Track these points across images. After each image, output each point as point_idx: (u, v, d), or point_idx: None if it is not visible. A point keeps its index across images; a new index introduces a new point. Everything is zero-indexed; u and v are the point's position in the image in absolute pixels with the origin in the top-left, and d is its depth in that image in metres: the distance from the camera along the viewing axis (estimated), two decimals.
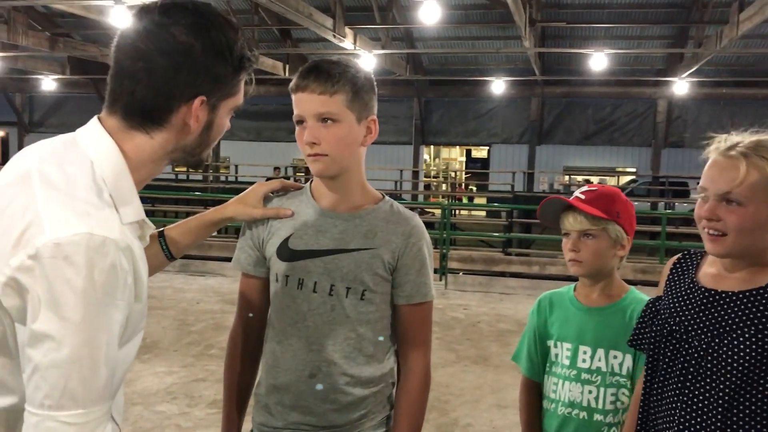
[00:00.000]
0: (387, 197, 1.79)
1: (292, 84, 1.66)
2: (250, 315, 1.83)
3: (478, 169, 23.49)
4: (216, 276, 10.69)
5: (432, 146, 22.84)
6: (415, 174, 20.03)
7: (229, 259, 8.25)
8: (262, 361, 1.81)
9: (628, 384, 1.92)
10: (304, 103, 1.64)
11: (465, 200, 21.31)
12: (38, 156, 1.21)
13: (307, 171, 19.35)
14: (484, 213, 19.51)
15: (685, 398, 1.59)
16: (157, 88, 1.21)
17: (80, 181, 1.15)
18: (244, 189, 1.90)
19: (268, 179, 15.43)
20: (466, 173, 24.63)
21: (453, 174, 25.27)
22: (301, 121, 1.67)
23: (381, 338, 1.75)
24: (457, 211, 17.10)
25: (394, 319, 1.77)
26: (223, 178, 19.45)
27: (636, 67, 17.69)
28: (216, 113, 1.28)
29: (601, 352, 1.94)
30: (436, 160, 26.05)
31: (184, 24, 1.20)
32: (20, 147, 22.16)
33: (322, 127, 1.63)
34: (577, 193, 1.95)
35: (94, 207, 1.12)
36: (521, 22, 11.45)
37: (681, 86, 15.74)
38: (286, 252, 1.72)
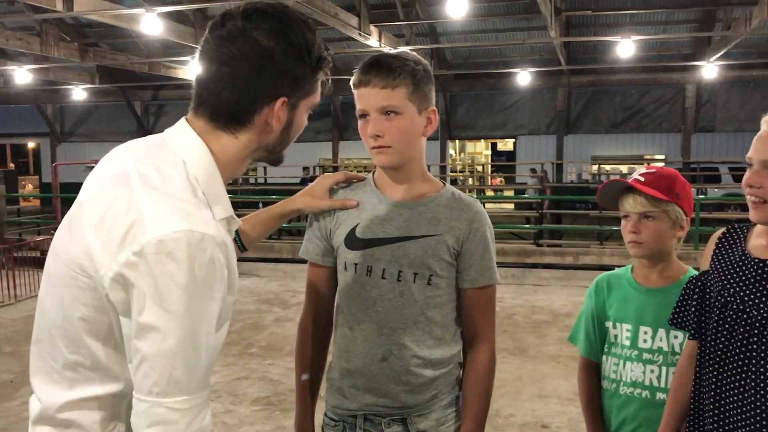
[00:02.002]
0: (448, 185, 1.84)
1: (354, 79, 1.72)
2: (319, 303, 1.89)
3: (503, 161, 23.41)
4: (251, 277, 10.81)
5: (457, 141, 22.78)
6: (442, 169, 20.00)
7: (263, 260, 8.33)
8: (333, 346, 1.88)
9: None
10: (367, 97, 1.69)
11: (489, 193, 21.21)
12: (133, 157, 1.26)
13: (335, 170, 19.44)
14: (512, 206, 19.48)
15: (752, 367, 1.61)
16: (241, 91, 1.25)
17: (177, 181, 1.21)
18: (274, 190, 1.96)
19: (303, 180, 15.51)
20: (492, 166, 24.56)
21: (480, 168, 25.20)
22: (364, 115, 1.72)
23: (448, 321, 1.80)
24: (484, 205, 16.98)
25: (459, 303, 1.82)
26: (252, 180, 19.61)
27: (663, 52, 17.46)
28: (295, 112, 1.34)
29: (662, 332, 1.96)
30: (462, 155, 25.98)
31: (265, 28, 1.25)
32: (52, 157, 22.58)
33: (385, 119, 1.68)
34: (635, 175, 1.97)
35: (192, 205, 1.18)
36: (547, 12, 11.39)
37: (709, 70, 15.53)
38: (354, 241, 1.78)
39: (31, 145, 28.46)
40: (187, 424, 1.14)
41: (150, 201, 1.16)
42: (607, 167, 18.94)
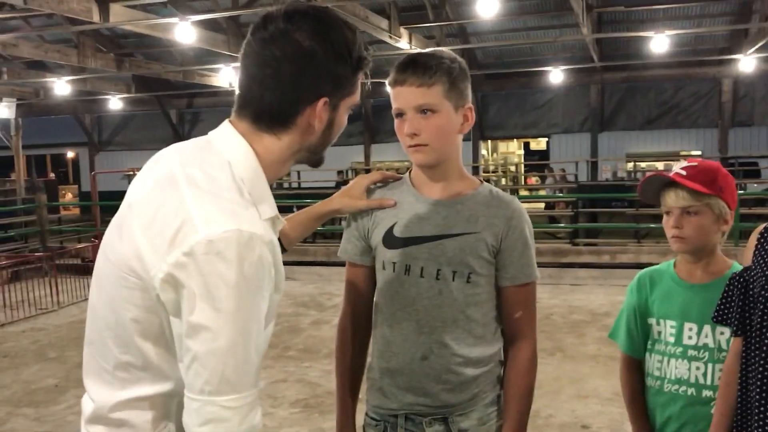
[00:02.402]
0: (485, 183, 1.83)
1: (390, 79, 1.72)
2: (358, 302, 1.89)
3: (536, 161, 23.21)
4: (287, 280, 10.78)
5: (489, 141, 22.65)
6: (475, 170, 19.89)
7: (298, 263, 8.37)
8: (373, 346, 1.88)
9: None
10: (404, 96, 1.69)
11: (523, 192, 21.05)
12: (179, 160, 1.28)
13: (367, 173, 19.45)
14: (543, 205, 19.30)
15: None
16: (284, 93, 1.27)
17: (223, 182, 1.22)
18: (308, 194, 1.98)
19: (337, 183, 15.57)
20: (526, 166, 24.36)
21: (513, 168, 25.02)
22: (400, 114, 1.72)
23: (488, 319, 1.79)
24: None
25: (499, 301, 1.81)
26: (286, 185, 19.75)
27: (698, 47, 17.13)
28: (337, 113, 1.34)
29: (707, 328, 1.92)
30: (494, 155, 25.83)
31: (306, 30, 1.26)
32: (91, 166, 23.00)
33: (421, 118, 1.68)
34: (677, 169, 1.93)
35: (239, 205, 1.20)
36: (578, 9, 11.28)
37: (747, 63, 15.20)
38: (392, 240, 1.78)
39: (70, 154, 29.03)
40: (239, 422, 1.16)
41: (198, 202, 1.18)
42: (643, 164, 18.64)
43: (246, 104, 1.30)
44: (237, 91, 1.32)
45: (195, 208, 1.17)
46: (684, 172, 1.90)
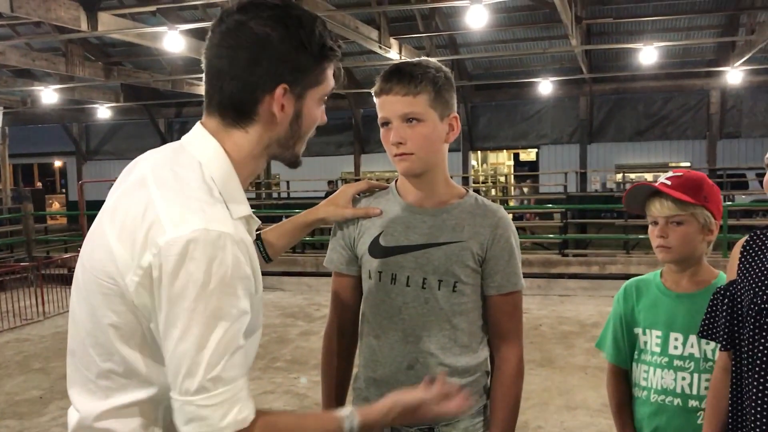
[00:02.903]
0: (471, 191, 1.83)
1: (375, 88, 1.72)
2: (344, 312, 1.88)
3: (526, 171, 23.29)
4: (275, 291, 10.82)
5: (479, 152, 22.73)
6: (465, 180, 19.95)
7: (286, 274, 8.33)
8: (360, 355, 1.86)
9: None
10: (389, 105, 1.69)
11: (513, 203, 21.11)
12: (150, 163, 1.28)
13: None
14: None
15: None
16: (241, 80, 1.26)
17: (192, 182, 1.22)
18: (297, 205, 1.97)
19: (327, 193, 15.61)
20: (515, 176, 24.44)
21: (502, 178, 25.09)
22: (386, 123, 1.72)
23: (474, 329, 1.78)
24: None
25: (485, 310, 1.80)
26: (275, 195, 19.72)
27: (686, 59, 17.29)
28: (303, 102, 1.32)
29: (693, 338, 1.92)
30: (484, 166, 25.91)
31: (261, 17, 1.26)
32: (78, 175, 22.90)
33: (407, 127, 1.68)
34: (662, 179, 1.94)
35: (207, 204, 1.19)
36: (567, 21, 11.35)
37: (734, 75, 15.34)
38: (377, 249, 1.77)
39: (57, 163, 28.91)
40: (220, 418, 1.15)
41: (166, 203, 1.17)
42: (632, 176, 18.75)
43: (211, 99, 1.30)
44: (204, 88, 1.32)
45: (163, 208, 1.16)
46: (669, 182, 1.91)
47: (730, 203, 14.29)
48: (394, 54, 12.85)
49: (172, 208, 1.16)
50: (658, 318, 1.98)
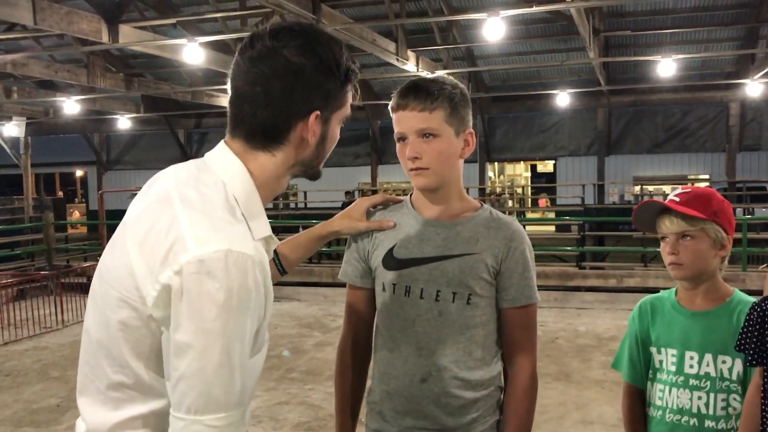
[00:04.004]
0: (485, 205, 1.84)
1: (392, 103, 1.74)
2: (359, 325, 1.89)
3: (543, 183, 23.22)
4: (291, 301, 10.84)
5: (496, 163, 22.69)
6: (481, 191, 19.93)
7: (303, 284, 8.36)
8: (373, 368, 1.87)
9: (739, 389, 1.87)
10: (406, 120, 1.71)
11: (530, 215, 21.04)
12: (174, 179, 1.29)
13: (373, 194, 19.50)
14: (553, 228, 19.26)
15: None
16: (275, 109, 1.28)
17: (216, 201, 1.23)
18: (314, 215, 1.98)
19: (344, 204, 15.60)
20: (533, 188, 24.37)
21: (519, 190, 25.04)
22: (402, 138, 1.74)
23: (488, 342, 1.78)
24: (524, 227, 16.86)
25: (499, 323, 1.80)
26: (292, 206, 19.80)
27: (705, 71, 17.19)
28: (329, 125, 1.35)
29: (708, 357, 1.90)
30: (501, 177, 25.87)
31: (294, 45, 1.27)
32: (99, 185, 23.13)
33: (423, 142, 1.70)
34: (671, 196, 1.93)
35: (230, 224, 1.20)
36: (585, 33, 11.33)
37: (754, 88, 15.21)
38: (391, 261, 1.78)
39: (78, 173, 29.24)
40: None
41: (190, 221, 1.18)
42: (650, 188, 18.64)
43: (239, 123, 1.31)
44: (229, 112, 1.33)
45: (187, 227, 1.17)
46: (678, 199, 1.90)
47: (750, 216, 14.13)
48: (411, 66, 12.89)
49: (196, 226, 1.17)
50: (673, 336, 1.96)
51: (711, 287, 1.95)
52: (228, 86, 1.34)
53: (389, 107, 1.75)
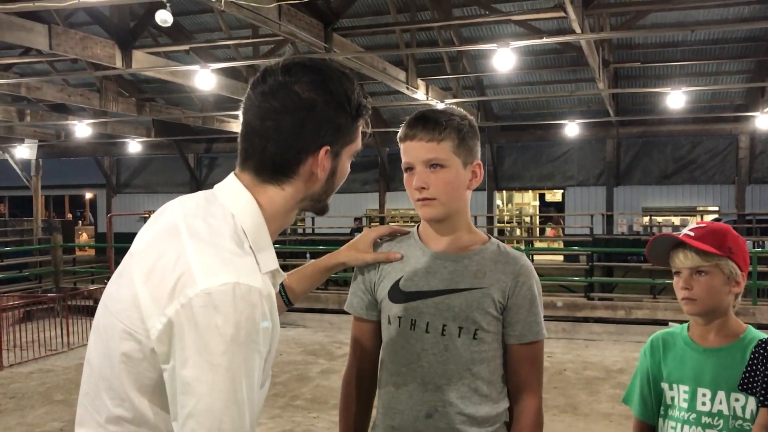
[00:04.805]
0: (493, 238, 1.82)
1: (400, 134, 1.74)
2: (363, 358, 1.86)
3: (551, 212, 23.17)
4: (297, 327, 10.80)
5: (504, 191, 22.70)
6: (489, 220, 19.90)
7: (309, 310, 8.35)
8: (378, 402, 1.84)
9: (752, 428, 1.84)
10: (413, 150, 1.71)
11: (538, 244, 20.96)
12: (183, 211, 1.29)
13: (381, 221, 19.52)
14: (561, 257, 19.18)
15: None
16: (286, 144, 1.28)
17: (224, 233, 1.22)
18: (321, 241, 1.97)
19: (352, 230, 15.53)
20: (541, 217, 24.31)
21: (527, 219, 24.99)
22: (409, 168, 1.73)
23: (494, 377, 1.75)
24: (532, 256, 16.83)
25: (505, 359, 1.77)
26: (300, 231, 19.80)
27: (714, 103, 17.21)
28: (339, 160, 1.35)
29: (721, 394, 1.87)
30: (509, 206, 25.84)
31: (305, 81, 1.27)
32: (108, 208, 23.23)
33: (430, 172, 1.69)
34: (686, 231, 1.91)
35: (239, 257, 1.19)
36: (595, 64, 11.38)
37: (763, 120, 15.19)
38: (397, 294, 1.76)
39: (88, 195, 29.37)
40: None
41: (198, 253, 1.17)
42: (659, 219, 18.57)
43: (249, 157, 1.31)
44: (239, 145, 1.33)
45: (195, 259, 1.16)
46: (693, 233, 1.89)
47: (759, 249, 14.04)
48: (421, 95, 12.96)
49: (204, 259, 1.16)
50: (685, 372, 1.93)
51: (724, 323, 1.92)
52: (239, 117, 1.34)
53: (398, 137, 1.75)
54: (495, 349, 1.75)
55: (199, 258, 1.16)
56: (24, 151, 18.17)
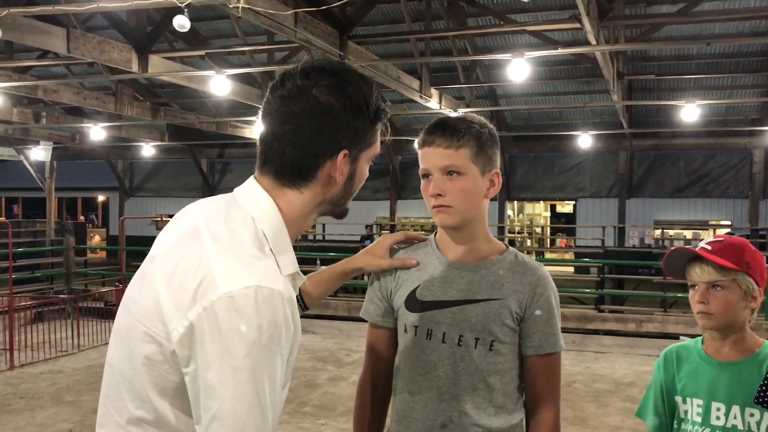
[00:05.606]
0: (511, 248, 1.81)
1: (419, 140, 1.73)
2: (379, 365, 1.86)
3: (563, 224, 23.10)
4: (306, 334, 10.78)
5: (516, 201, 22.66)
6: (500, 230, 19.87)
7: (318, 317, 8.34)
8: (392, 410, 1.84)
9: None
10: (431, 157, 1.70)
11: (548, 255, 20.89)
12: (203, 214, 1.29)
13: (391, 229, 19.52)
14: (572, 269, 19.11)
15: None
16: (304, 148, 1.28)
17: (245, 237, 1.22)
18: (332, 248, 1.97)
19: (362, 237, 15.49)
20: (552, 228, 24.26)
21: (539, 229, 24.94)
22: (426, 175, 1.73)
23: (510, 389, 1.75)
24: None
25: (522, 370, 1.76)
26: (310, 237, 19.83)
27: (728, 117, 17.14)
28: (357, 164, 1.36)
29: (736, 409, 1.85)
30: (520, 216, 25.80)
31: (324, 85, 1.28)
32: (120, 211, 23.38)
33: (447, 180, 1.69)
34: (703, 244, 1.90)
35: (260, 260, 1.19)
36: (609, 76, 11.36)
37: None
38: (414, 303, 1.75)
39: (101, 198, 29.55)
40: None
41: (220, 257, 1.18)
42: (671, 232, 18.48)
43: (268, 160, 1.32)
44: (258, 149, 1.34)
45: (217, 263, 1.17)
46: (710, 247, 1.87)
47: None
48: (434, 103, 12.98)
49: (226, 263, 1.17)
50: (699, 386, 1.92)
51: (740, 338, 1.91)
52: (257, 121, 1.34)
53: (416, 143, 1.75)
54: (511, 360, 1.74)
55: (220, 261, 1.17)
56: (39, 153, 18.33)
